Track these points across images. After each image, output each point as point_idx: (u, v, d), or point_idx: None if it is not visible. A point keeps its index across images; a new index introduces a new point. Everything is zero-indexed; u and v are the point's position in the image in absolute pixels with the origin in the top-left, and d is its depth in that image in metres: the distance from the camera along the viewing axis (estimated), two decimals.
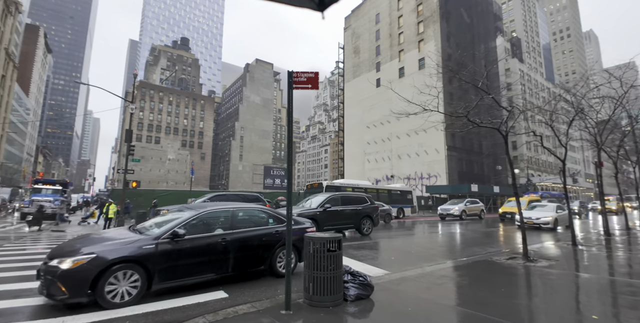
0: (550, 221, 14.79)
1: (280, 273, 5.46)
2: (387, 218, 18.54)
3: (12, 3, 50.46)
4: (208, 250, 4.80)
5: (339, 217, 11.61)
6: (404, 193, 25.84)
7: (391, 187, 26.22)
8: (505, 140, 7.11)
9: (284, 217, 5.72)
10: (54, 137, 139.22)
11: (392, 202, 23.27)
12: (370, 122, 49.29)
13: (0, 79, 49.48)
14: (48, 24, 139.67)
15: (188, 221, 4.83)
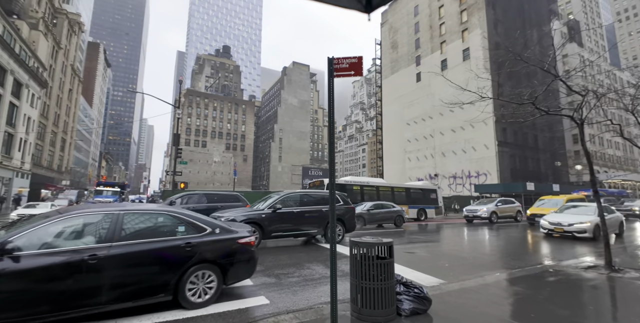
0: (588, 228, 10.86)
1: (193, 304, 3.91)
2: (397, 221, 16.34)
3: (75, 23, 56.33)
4: (61, 274, 3.25)
5: (295, 220, 9.04)
6: (426, 192, 22.68)
7: (410, 185, 23.08)
8: (580, 130, 6.06)
9: (206, 223, 4.31)
10: (114, 144, 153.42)
11: (411, 202, 20.82)
12: (411, 119, 47.42)
13: (68, 92, 55.43)
14: (107, 41, 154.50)
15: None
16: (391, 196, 20.26)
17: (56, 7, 49.07)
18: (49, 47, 44.12)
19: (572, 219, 11.39)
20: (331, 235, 3.28)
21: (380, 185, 20.92)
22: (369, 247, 3.52)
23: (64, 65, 52.83)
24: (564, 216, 11.97)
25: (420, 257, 8.02)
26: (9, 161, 32.13)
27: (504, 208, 19.79)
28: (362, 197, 19.10)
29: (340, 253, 7.94)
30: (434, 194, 23.08)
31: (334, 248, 3.29)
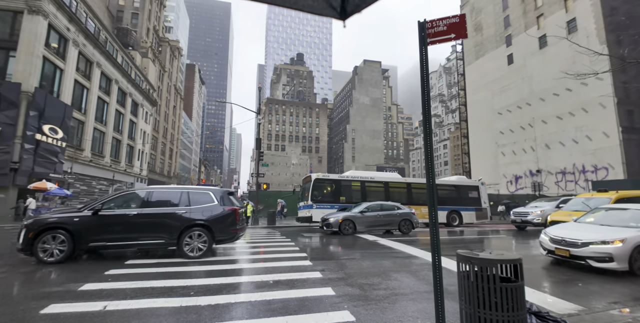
0: (616, 252, 5.84)
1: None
2: (404, 226, 13.13)
3: (176, 49, 65.51)
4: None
5: (127, 227, 6.76)
6: (462, 190, 18.17)
7: (438, 181, 18.53)
8: None
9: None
10: (210, 151, 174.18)
11: (440, 203, 17.08)
12: (503, 107, 41.67)
13: (172, 109, 64.75)
14: (201, 62, 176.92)
15: None
16: (407, 195, 16.95)
17: (160, 36, 57.85)
18: (156, 71, 52.21)
19: (591, 234, 6.29)
20: (435, 247, 2.49)
21: (391, 181, 17.40)
22: (487, 264, 2.59)
23: (169, 86, 61.96)
24: (580, 228, 6.85)
25: None
26: (131, 168, 38.80)
27: None
28: (363, 196, 16.22)
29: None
30: (475, 192, 18.43)
31: (437, 262, 2.48)
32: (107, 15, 42.36)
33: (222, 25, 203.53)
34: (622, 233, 6.04)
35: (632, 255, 5.84)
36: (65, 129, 23.03)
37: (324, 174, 16.22)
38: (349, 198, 15.90)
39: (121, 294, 4.28)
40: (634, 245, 5.83)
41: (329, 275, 5.65)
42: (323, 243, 10.43)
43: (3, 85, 18.82)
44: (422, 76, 2.75)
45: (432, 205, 2.44)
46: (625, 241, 5.84)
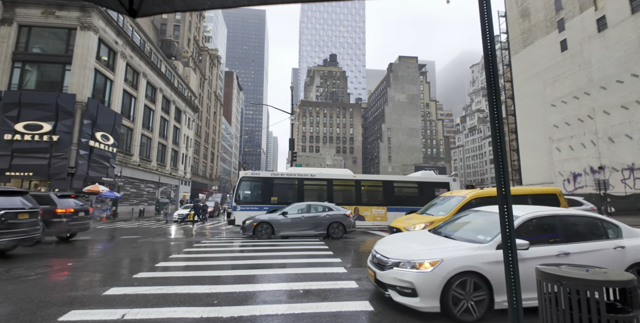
0: (415, 281, 3.63)
1: None
2: (334, 231, 11.57)
3: (215, 57, 68.42)
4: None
5: None
6: (427, 188, 15.56)
7: (397, 178, 16.29)
8: None
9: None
10: (249, 155, 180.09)
11: (396, 203, 14.83)
12: (557, 98, 37.85)
13: (213, 114, 67.62)
14: (238, 69, 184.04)
15: None
16: (356, 194, 14.73)
17: (200, 46, 60.75)
18: (197, 79, 54.80)
19: (409, 249, 4.27)
20: (507, 255, 1.82)
21: (336, 178, 15.03)
22: (586, 286, 1.86)
23: (209, 93, 64.83)
24: (409, 239, 4.86)
25: None
26: (175, 172, 40.90)
27: None
28: (300, 196, 14.41)
29: None
30: (444, 190, 15.91)
31: (515, 283, 1.80)
32: (152, 29, 45.27)
33: (258, 32, 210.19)
34: (441, 252, 3.81)
35: (447, 289, 3.55)
36: (116, 135, 24.68)
37: (253, 172, 14.59)
38: (282, 198, 14.14)
39: (143, 301, 4.06)
40: (451, 273, 3.56)
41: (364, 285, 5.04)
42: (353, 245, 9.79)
43: (61, 97, 20.59)
44: (484, 40, 2.09)
45: (508, 216, 1.78)
46: (439, 265, 3.60)
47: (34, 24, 22.09)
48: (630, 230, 4.44)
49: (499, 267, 3.54)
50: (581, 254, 3.96)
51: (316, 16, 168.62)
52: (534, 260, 3.72)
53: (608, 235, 4.27)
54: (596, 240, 4.16)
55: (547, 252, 3.88)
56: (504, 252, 1.81)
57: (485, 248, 3.83)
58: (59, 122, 20.29)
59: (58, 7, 22.06)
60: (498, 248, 3.82)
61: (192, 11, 1.72)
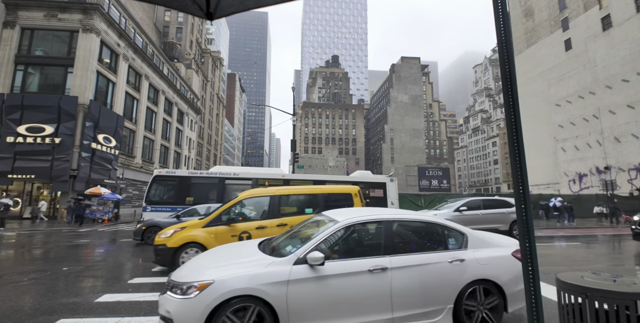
0: (172, 311, 2.79)
1: None
2: None
3: (217, 60, 68.59)
4: None
5: None
6: (362, 188, 13.56)
7: (333, 178, 15.19)
8: None
9: None
10: (251, 156, 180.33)
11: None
12: (561, 98, 37.47)
13: (215, 116, 67.72)
14: (241, 71, 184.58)
15: None
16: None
17: (203, 48, 60.92)
18: (200, 81, 54.91)
19: (191, 270, 3.22)
20: (526, 265, 1.64)
21: (262, 177, 13.86)
22: (617, 299, 1.67)
23: (212, 95, 64.95)
24: (211, 257, 3.61)
25: None
26: None
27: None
28: (220, 196, 13.42)
29: None
30: (380, 190, 14.71)
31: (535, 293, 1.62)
32: (154, 31, 45.43)
33: (260, 34, 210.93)
34: (221, 271, 3.00)
35: (213, 322, 2.74)
36: (118, 137, 24.68)
37: (168, 170, 13.65)
38: (201, 199, 13.14)
39: (136, 309, 3.89)
40: (218, 299, 2.75)
41: None
42: None
43: (63, 99, 20.61)
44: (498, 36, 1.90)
45: (527, 219, 1.59)
46: (208, 288, 2.79)
47: (36, 27, 22.17)
48: (482, 239, 3.72)
49: (294, 289, 2.88)
50: (403, 269, 3.22)
51: (318, 18, 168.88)
52: (338, 278, 3.01)
53: (448, 245, 3.59)
54: (429, 252, 3.45)
55: (355, 267, 3.12)
56: (523, 264, 1.61)
57: (278, 264, 3.02)
58: (61, 124, 20.30)
59: (60, 9, 22.13)
60: (297, 263, 3.03)
61: (261, 7, 1.73)
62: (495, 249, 3.62)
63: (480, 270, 3.40)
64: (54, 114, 20.26)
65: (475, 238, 3.66)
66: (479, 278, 3.38)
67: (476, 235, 3.72)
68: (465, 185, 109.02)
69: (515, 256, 3.60)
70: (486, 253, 3.53)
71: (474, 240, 3.63)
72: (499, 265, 3.49)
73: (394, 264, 3.22)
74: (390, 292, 3.12)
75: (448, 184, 46.11)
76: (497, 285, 3.40)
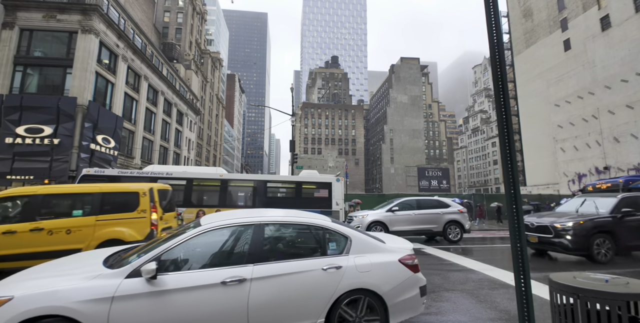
0: None
1: None
2: None
3: (217, 60, 68.63)
4: None
5: None
6: (305, 189, 14.34)
7: (274, 178, 15.04)
8: None
9: None
10: (251, 157, 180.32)
11: (270, 205, 13.74)
12: (561, 98, 37.52)
13: (215, 117, 67.73)
14: (241, 72, 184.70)
15: None
16: (220, 195, 13.35)
17: (202, 49, 60.97)
18: (199, 82, 54.93)
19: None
20: (517, 265, 1.63)
21: (197, 177, 13.50)
22: (608, 300, 1.66)
23: (211, 95, 64.97)
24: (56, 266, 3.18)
25: None
26: None
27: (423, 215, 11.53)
28: None
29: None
30: (325, 191, 14.20)
31: (526, 292, 1.61)
32: (153, 32, 45.47)
33: (260, 35, 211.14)
34: (29, 284, 2.64)
35: None
36: (117, 138, 24.67)
37: (97, 169, 13.12)
38: None
39: None
40: (13, 319, 2.38)
41: None
42: None
43: (62, 100, 20.60)
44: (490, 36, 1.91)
45: (516, 212, 1.59)
46: (4, 306, 2.42)
47: (35, 28, 22.17)
48: (370, 243, 3.33)
49: (120, 307, 2.49)
50: (267, 280, 2.85)
51: (317, 18, 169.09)
52: (182, 293, 2.66)
53: (327, 250, 3.20)
54: (303, 259, 3.07)
55: (206, 279, 2.75)
56: (514, 265, 1.61)
57: (105, 277, 2.65)
58: (60, 125, 20.29)
59: (59, 10, 22.13)
60: (131, 276, 2.65)
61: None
62: (382, 255, 3.24)
63: (359, 278, 3.03)
64: (52, 115, 20.25)
65: (360, 242, 3.28)
66: (357, 288, 3.01)
67: (363, 239, 3.33)
68: (464, 185, 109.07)
69: (404, 262, 3.23)
70: (369, 260, 3.15)
71: (358, 245, 3.25)
72: (382, 272, 3.11)
73: (256, 274, 2.86)
74: (247, 307, 2.73)
75: (448, 184, 46.08)
76: (378, 296, 3.03)
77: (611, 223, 7.45)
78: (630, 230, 7.49)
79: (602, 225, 7.41)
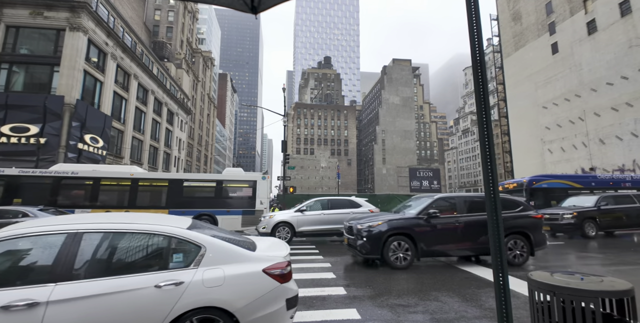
0: None
1: None
2: None
3: (208, 59, 68.06)
4: None
5: None
6: (226, 188, 13.74)
7: (192, 176, 14.53)
8: None
9: None
10: (243, 157, 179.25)
11: (186, 205, 13.12)
12: (548, 101, 38.30)
13: (206, 117, 67.14)
14: (233, 71, 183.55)
15: None
16: (130, 196, 12.84)
17: (194, 48, 60.40)
18: (190, 81, 54.39)
19: None
20: (496, 262, 1.69)
21: (106, 176, 12.90)
22: (581, 297, 1.73)
23: (202, 95, 64.39)
24: None
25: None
26: None
27: None
28: (54, 197, 12.58)
29: (481, 277, 5.87)
30: (248, 190, 13.75)
31: (503, 282, 1.67)
32: (144, 31, 44.88)
33: (252, 35, 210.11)
34: None
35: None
36: (106, 138, 24.27)
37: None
38: (32, 200, 12.21)
39: None
40: None
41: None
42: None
43: (48, 99, 20.19)
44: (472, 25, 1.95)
45: (496, 214, 1.64)
46: None
47: (21, 25, 21.68)
48: (232, 252, 2.86)
49: None
50: (69, 304, 2.33)
51: (310, 19, 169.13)
52: None
53: (169, 263, 2.68)
54: (131, 274, 2.55)
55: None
56: (493, 264, 1.66)
57: None
58: (47, 124, 19.88)
59: (47, 7, 21.69)
60: None
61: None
62: (244, 265, 2.79)
63: (206, 294, 2.58)
64: (39, 114, 19.83)
65: (218, 252, 2.79)
66: (202, 306, 2.55)
67: (222, 248, 2.83)
68: (455, 185, 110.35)
69: (269, 273, 2.81)
70: (224, 272, 2.69)
71: (215, 255, 2.77)
72: (238, 286, 2.68)
73: (57, 296, 2.32)
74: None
75: (438, 185, 46.59)
76: (229, 313, 2.61)
77: (412, 225, 6.61)
78: (433, 233, 6.64)
79: (400, 227, 6.58)
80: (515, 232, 6.88)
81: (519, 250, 6.80)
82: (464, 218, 6.78)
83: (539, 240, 6.99)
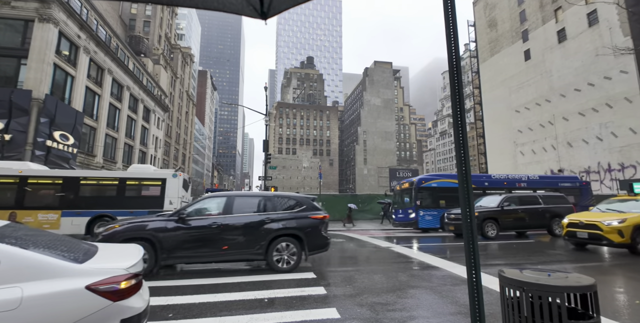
0: None
1: None
2: None
3: (187, 56, 66.39)
4: None
5: None
6: (130, 186, 12.66)
7: (83, 173, 12.83)
8: None
9: None
10: (224, 156, 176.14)
11: (84, 206, 11.95)
12: (521, 105, 40.06)
13: (185, 114, 65.46)
14: (213, 69, 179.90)
15: None
16: (17, 195, 11.61)
17: (172, 43, 58.73)
18: (168, 78, 52.85)
19: None
20: (469, 261, 1.75)
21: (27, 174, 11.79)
22: (548, 292, 1.83)
23: (181, 92, 62.72)
24: None
25: None
26: None
27: None
28: None
29: (456, 276, 6.05)
30: (156, 188, 12.68)
31: (475, 279, 1.74)
32: (119, 24, 43.19)
33: (234, 32, 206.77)
34: None
35: None
36: (77, 135, 23.15)
37: None
38: None
39: None
40: None
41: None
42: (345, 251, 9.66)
43: (15, 93, 19.03)
44: (448, 29, 2.02)
45: (469, 209, 1.70)
46: None
47: None
48: (42, 265, 2.17)
49: None
50: None
51: (293, 18, 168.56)
52: None
53: None
54: None
55: None
56: (467, 263, 1.72)
57: None
58: (12, 119, 18.73)
59: None
60: None
61: (310, 0, 1.80)
62: (58, 282, 2.15)
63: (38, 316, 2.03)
64: (4, 109, 18.65)
65: (18, 265, 2.12)
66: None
67: (27, 259, 2.17)
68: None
69: (95, 289, 2.24)
70: (22, 292, 2.04)
71: (12, 270, 2.09)
72: (42, 308, 2.05)
73: None
74: None
75: None
76: None
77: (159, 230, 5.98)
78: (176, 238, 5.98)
79: None
80: (287, 235, 6.23)
81: (288, 255, 6.15)
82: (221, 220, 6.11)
83: (314, 243, 6.37)
